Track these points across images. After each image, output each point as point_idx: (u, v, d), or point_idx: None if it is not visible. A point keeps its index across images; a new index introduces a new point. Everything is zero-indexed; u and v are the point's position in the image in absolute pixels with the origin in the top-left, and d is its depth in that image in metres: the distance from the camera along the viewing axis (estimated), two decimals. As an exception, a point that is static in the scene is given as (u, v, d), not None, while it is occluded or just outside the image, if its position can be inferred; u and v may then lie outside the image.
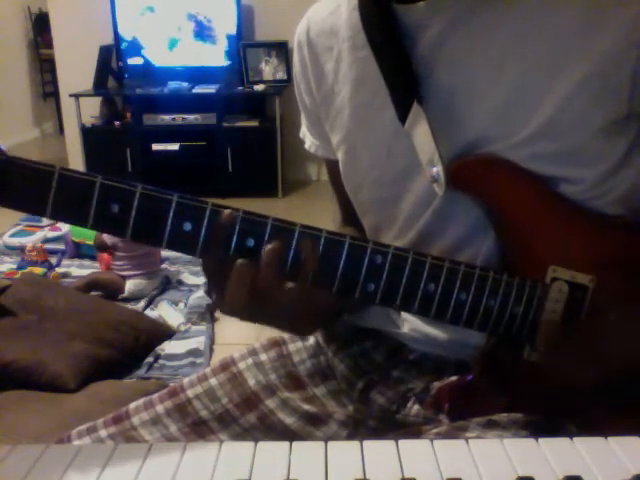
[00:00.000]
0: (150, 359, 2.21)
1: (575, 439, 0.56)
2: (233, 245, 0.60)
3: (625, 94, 0.64)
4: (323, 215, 0.93)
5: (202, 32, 4.19)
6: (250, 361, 0.86)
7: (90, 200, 0.58)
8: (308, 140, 0.88)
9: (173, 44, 4.21)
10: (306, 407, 0.83)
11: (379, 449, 0.55)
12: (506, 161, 0.66)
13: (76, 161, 4.26)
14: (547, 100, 0.65)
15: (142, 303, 2.64)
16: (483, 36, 0.67)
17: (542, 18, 0.65)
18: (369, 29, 0.72)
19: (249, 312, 0.64)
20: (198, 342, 2.34)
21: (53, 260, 3.01)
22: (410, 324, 0.79)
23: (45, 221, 3.42)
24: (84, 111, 4.17)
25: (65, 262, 3.07)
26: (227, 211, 0.59)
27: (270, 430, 0.81)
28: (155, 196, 0.59)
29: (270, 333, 0.91)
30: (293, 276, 0.62)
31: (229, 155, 4.06)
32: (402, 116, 0.68)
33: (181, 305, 2.65)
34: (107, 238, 2.70)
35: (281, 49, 4.18)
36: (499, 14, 0.66)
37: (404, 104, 0.68)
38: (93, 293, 2.66)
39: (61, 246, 3.18)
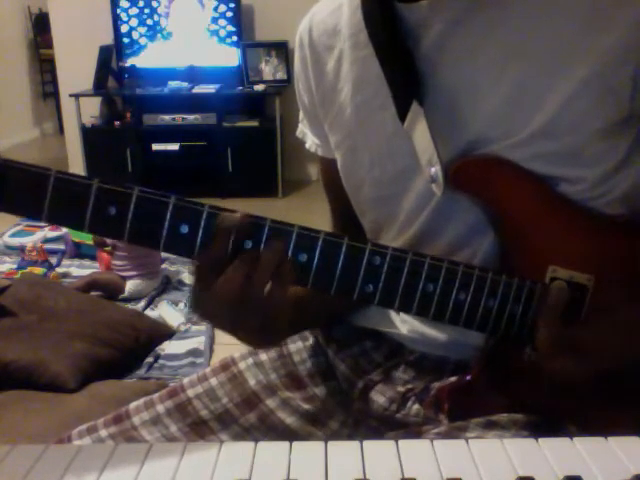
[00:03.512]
0: (150, 359, 2.21)
1: (575, 439, 0.56)
2: (238, 246, 0.60)
3: (626, 95, 0.64)
4: (323, 215, 0.93)
5: (202, 32, 4.18)
6: (250, 361, 0.86)
7: (86, 203, 0.57)
8: (309, 140, 0.87)
9: (173, 42, 4.22)
10: (306, 407, 0.83)
11: (379, 449, 0.55)
12: (506, 161, 0.66)
13: (76, 161, 4.26)
14: (548, 100, 0.65)
15: (142, 303, 2.64)
16: (485, 35, 0.67)
17: (544, 17, 0.65)
18: (372, 28, 0.72)
19: (227, 313, 0.62)
20: (198, 342, 2.34)
21: (53, 260, 3.01)
22: (409, 325, 0.79)
23: (45, 221, 3.42)
24: (84, 111, 4.17)
25: (65, 262, 3.07)
26: (237, 214, 0.59)
27: (270, 430, 0.82)
28: (152, 199, 0.58)
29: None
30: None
31: (229, 155, 4.06)
32: (402, 115, 0.68)
33: (181, 305, 2.65)
34: (107, 237, 2.70)
35: (281, 49, 4.17)
36: (501, 13, 0.66)
37: (404, 103, 0.68)
38: (93, 293, 2.66)
39: (61, 246, 3.18)
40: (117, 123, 4.21)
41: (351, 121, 0.77)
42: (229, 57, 4.22)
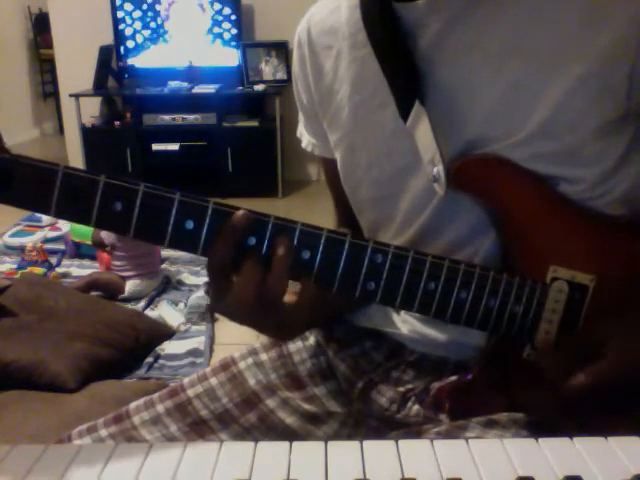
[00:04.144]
0: (150, 359, 2.21)
1: (575, 439, 0.56)
2: (243, 244, 0.60)
3: (622, 93, 0.64)
4: (323, 215, 0.94)
5: (202, 31, 4.18)
6: (250, 361, 0.86)
7: (93, 198, 0.58)
8: (305, 139, 0.88)
9: (174, 44, 4.22)
10: (306, 407, 0.83)
11: (379, 449, 0.55)
12: (507, 160, 0.66)
13: (76, 161, 4.25)
14: (545, 98, 0.65)
15: (142, 303, 2.64)
16: (482, 33, 0.67)
17: (541, 15, 0.65)
18: (370, 27, 0.72)
19: (249, 313, 0.64)
20: (198, 342, 2.34)
21: (53, 260, 3.01)
22: (409, 325, 0.79)
23: (45, 221, 3.42)
24: (84, 111, 4.17)
25: (65, 262, 3.07)
26: (241, 211, 0.60)
27: (270, 430, 0.81)
28: (158, 194, 0.59)
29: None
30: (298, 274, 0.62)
31: (229, 155, 4.06)
32: (404, 115, 0.68)
33: (181, 305, 2.65)
34: (105, 237, 2.71)
35: (281, 49, 4.18)
36: (497, 10, 0.66)
37: (406, 103, 0.68)
38: (93, 293, 2.66)
39: (61, 246, 3.18)
40: (117, 123, 4.21)
41: (349, 121, 0.77)
42: (229, 57, 4.22)
